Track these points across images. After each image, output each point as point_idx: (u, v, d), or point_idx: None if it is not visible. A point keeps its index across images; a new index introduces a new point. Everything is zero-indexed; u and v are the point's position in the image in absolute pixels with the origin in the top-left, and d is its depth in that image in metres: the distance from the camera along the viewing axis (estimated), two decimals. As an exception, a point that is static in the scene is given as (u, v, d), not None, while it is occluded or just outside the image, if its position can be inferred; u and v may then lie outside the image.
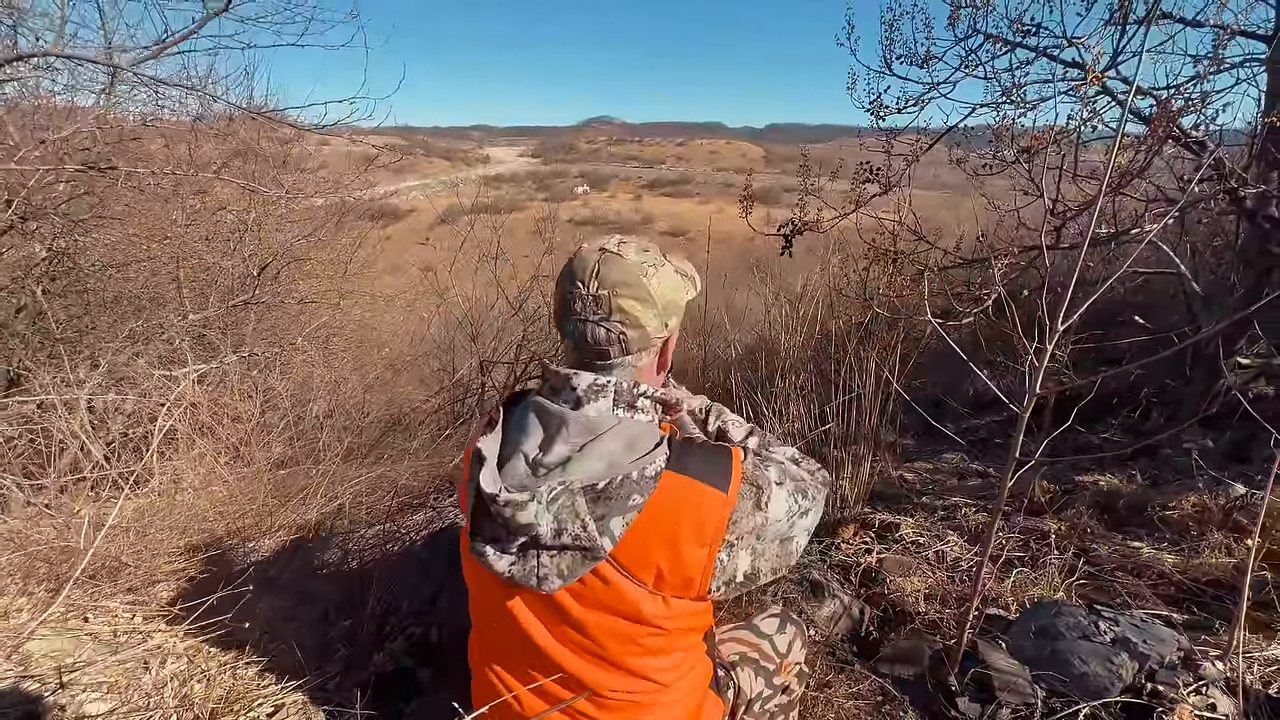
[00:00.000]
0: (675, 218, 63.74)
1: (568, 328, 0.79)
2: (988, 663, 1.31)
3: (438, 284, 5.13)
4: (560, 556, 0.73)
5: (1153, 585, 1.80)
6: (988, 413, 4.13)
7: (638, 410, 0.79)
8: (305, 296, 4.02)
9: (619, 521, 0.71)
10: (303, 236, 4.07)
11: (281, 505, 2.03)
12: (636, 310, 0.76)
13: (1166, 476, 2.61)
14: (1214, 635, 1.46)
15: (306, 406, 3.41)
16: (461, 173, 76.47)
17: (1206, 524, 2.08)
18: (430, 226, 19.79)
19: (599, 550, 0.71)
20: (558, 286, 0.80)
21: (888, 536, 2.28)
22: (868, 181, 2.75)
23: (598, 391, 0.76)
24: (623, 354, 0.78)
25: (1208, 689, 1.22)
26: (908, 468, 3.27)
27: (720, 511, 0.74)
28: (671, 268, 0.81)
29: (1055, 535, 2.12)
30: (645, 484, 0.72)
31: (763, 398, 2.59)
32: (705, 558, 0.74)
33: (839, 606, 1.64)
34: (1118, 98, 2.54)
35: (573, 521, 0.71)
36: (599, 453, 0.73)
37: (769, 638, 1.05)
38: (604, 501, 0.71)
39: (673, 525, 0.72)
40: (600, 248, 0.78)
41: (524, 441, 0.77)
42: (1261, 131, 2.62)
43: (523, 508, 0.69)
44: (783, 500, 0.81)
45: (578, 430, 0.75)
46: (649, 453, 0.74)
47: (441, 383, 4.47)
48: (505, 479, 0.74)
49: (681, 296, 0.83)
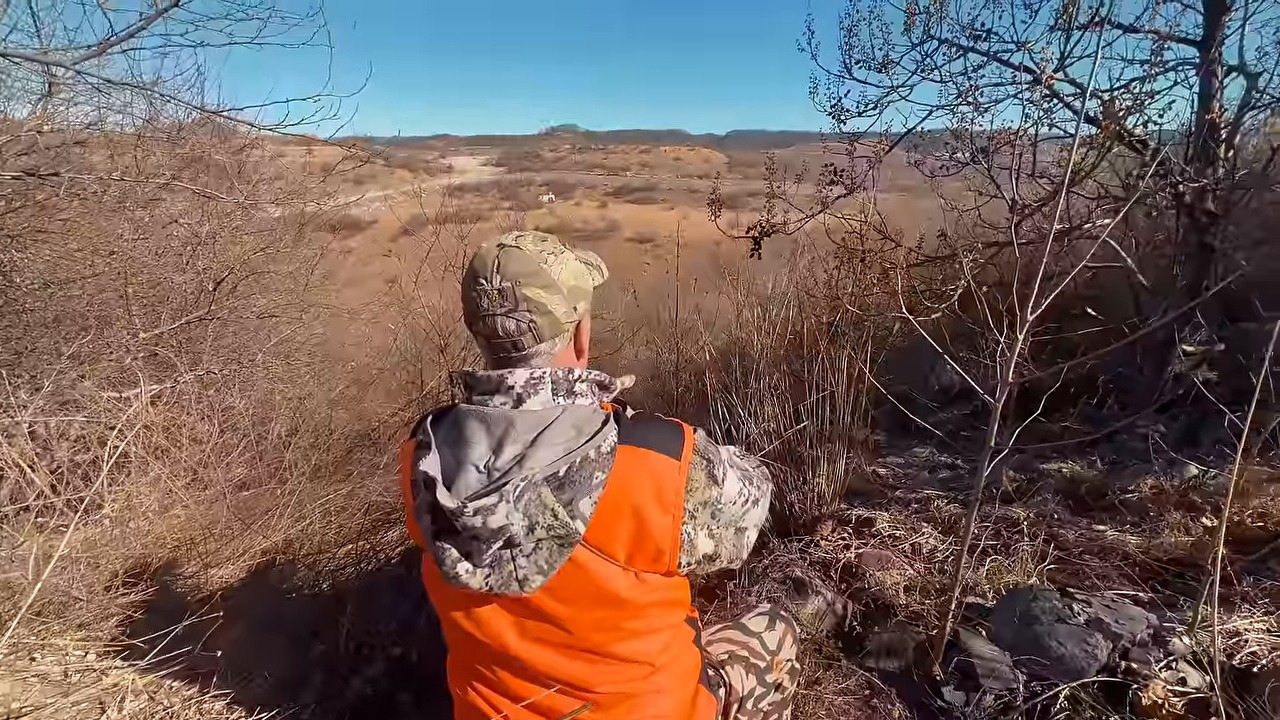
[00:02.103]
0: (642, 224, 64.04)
1: (478, 326, 0.80)
2: (970, 651, 1.33)
3: (403, 295, 5.02)
4: (537, 552, 0.73)
5: (1118, 566, 1.87)
6: (952, 406, 4.24)
7: (577, 395, 0.79)
8: (265, 311, 3.87)
9: (587, 502, 0.72)
10: (260, 249, 3.92)
11: (246, 528, 1.94)
12: (542, 297, 0.77)
13: (1124, 462, 2.72)
14: (1179, 611, 1.52)
15: (269, 425, 3.29)
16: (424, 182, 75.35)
17: (1164, 505, 2.17)
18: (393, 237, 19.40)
19: (574, 534, 0.72)
20: (463, 289, 0.81)
21: (865, 531, 2.31)
22: (832, 183, 2.80)
23: (535, 384, 0.77)
24: (536, 342, 0.79)
25: (1177, 664, 1.26)
26: (880, 463, 3.33)
27: (675, 478, 0.76)
28: (572, 255, 0.83)
29: (1025, 523, 2.18)
30: (604, 460, 0.73)
31: (738, 399, 2.60)
32: (671, 527, 0.76)
33: (822, 603, 1.65)
34: (1065, 100, 2.66)
35: (543, 513, 0.71)
36: (551, 442, 0.74)
37: (758, 635, 1.06)
38: (569, 486, 0.71)
39: (635, 494, 0.74)
40: (498, 244, 0.80)
41: (468, 453, 0.75)
42: (1196, 130, 2.78)
43: (493, 511, 0.69)
44: (735, 480, 0.84)
45: (525, 427, 0.74)
46: (599, 431, 0.75)
47: (410, 395, 4.36)
48: (459, 493, 0.73)
49: (586, 282, 0.84)
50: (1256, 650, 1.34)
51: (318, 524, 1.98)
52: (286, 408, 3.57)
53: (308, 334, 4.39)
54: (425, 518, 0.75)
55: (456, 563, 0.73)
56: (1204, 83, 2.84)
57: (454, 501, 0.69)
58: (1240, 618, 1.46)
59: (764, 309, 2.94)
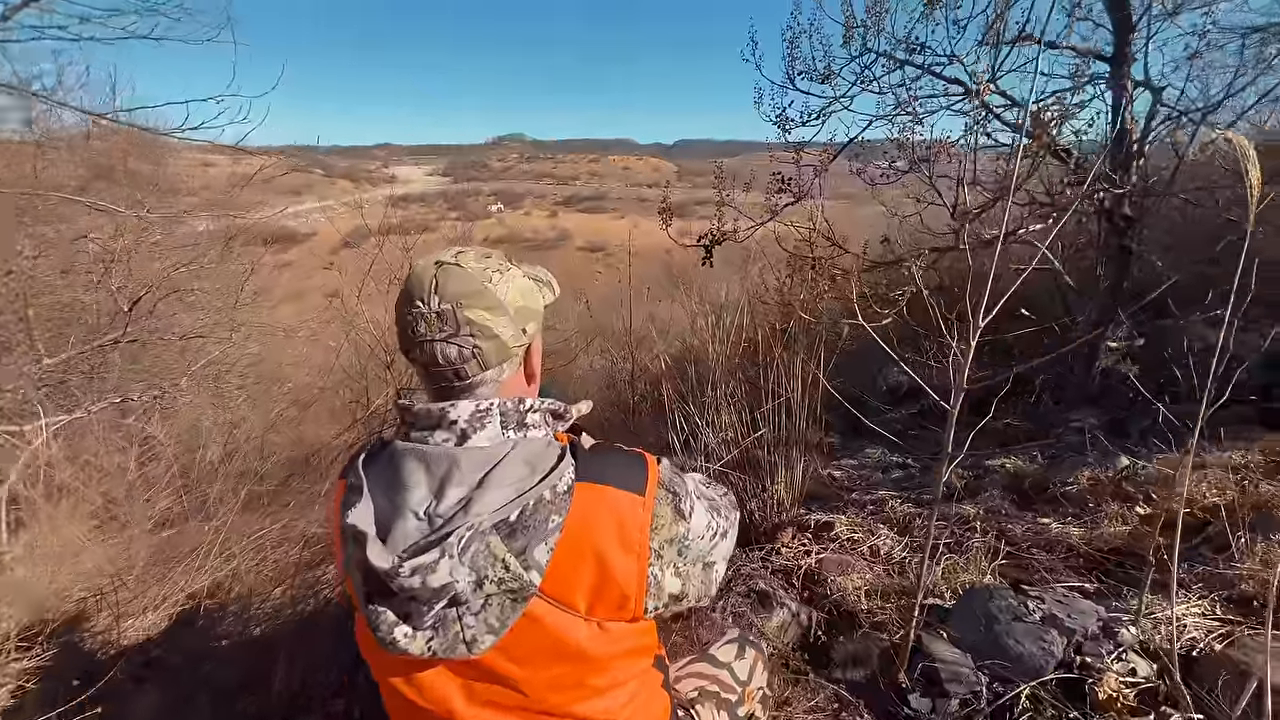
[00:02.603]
0: (593, 233, 64.04)
1: (415, 353, 0.72)
2: (934, 656, 1.33)
3: (345, 310, 4.79)
4: (487, 609, 0.65)
5: (1064, 558, 1.93)
6: (900, 406, 4.37)
7: (529, 427, 0.73)
8: (189, 331, 3.61)
9: (542, 549, 0.65)
10: (182, 265, 3.66)
11: (166, 571, 1.77)
12: (486, 320, 0.70)
13: (1062, 455, 2.84)
14: (1124, 600, 1.58)
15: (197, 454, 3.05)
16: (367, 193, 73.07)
17: (1101, 496, 2.27)
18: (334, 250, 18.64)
19: (529, 587, 0.65)
20: (397, 312, 0.73)
21: (824, 536, 2.32)
22: (780, 191, 2.84)
23: (481, 417, 0.70)
24: (481, 370, 0.72)
25: (1127, 654, 1.30)
26: (835, 465, 3.38)
27: (639, 515, 0.70)
28: (519, 271, 0.77)
29: (976, 520, 2.23)
30: (560, 501, 0.67)
31: (695, 407, 2.58)
32: (637, 570, 0.70)
33: (787, 615, 1.64)
34: (996, 111, 2.78)
35: (493, 565, 0.64)
36: (501, 482, 0.67)
37: (728, 666, 1.01)
38: (521, 532, 0.65)
39: (596, 537, 0.68)
40: (436, 261, 0.72)
41: (406, 498, 0.67)
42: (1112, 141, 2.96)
43: (433, 569, 0.61)
44: (703, 513, 0.78)
45: (471, 466, 0.67)
46: (554, 467, 0.69)
47: (355, 415, 4.15)
48: (396, 545, 0.64)
49: (536, 300, 0.77)
50: (1195, 635, 1.40)
51: (249, 562, 1.82)
52: (218, 434, 3.33)
53: (240, 354, 4.12)
54: (356, 575, 0.66)
55: (393, 627, 0.64)
56: (1116, 96, 3.04)
57: (387, 561, 0.61)
58: (1178, 604, 1.52)
59: (718, 316, 2.95)
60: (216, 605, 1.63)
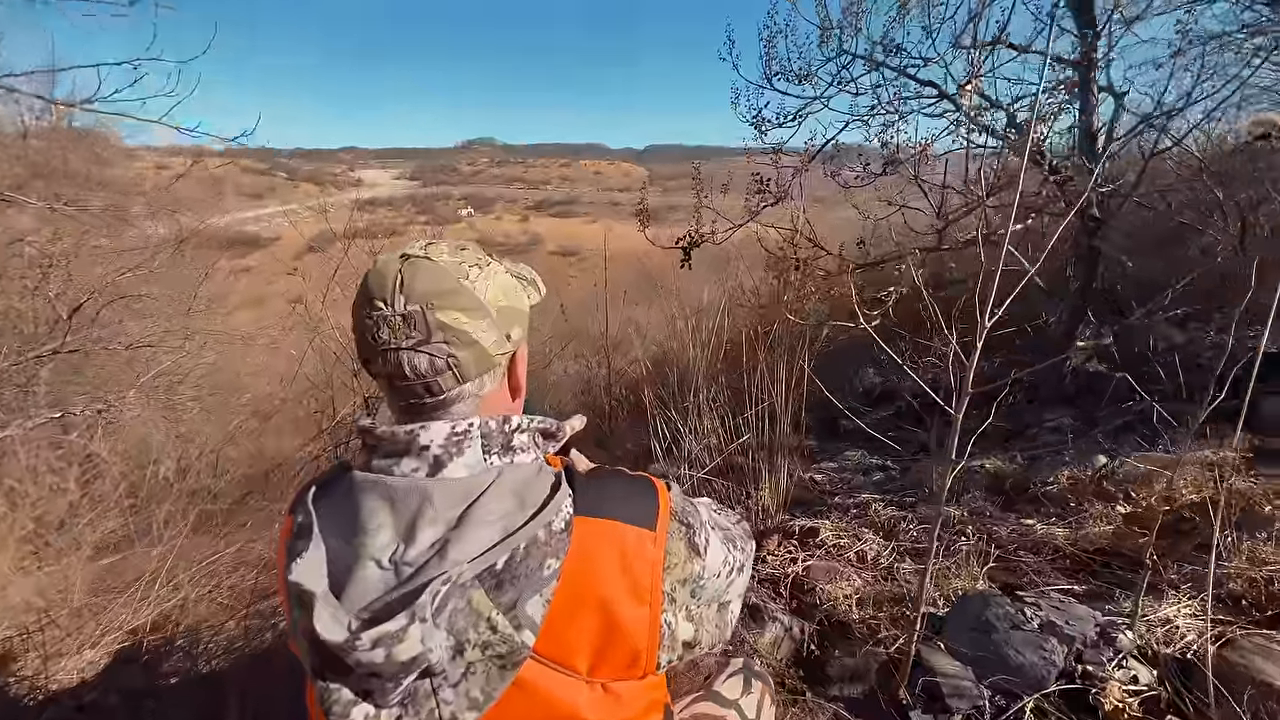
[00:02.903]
0: (565, 238, 63.75)
1: (377, 365, 0.60)
2: (934, 669, 1.28)
3: (309, 317, 4.59)
4: (469, 679, 0.54)
5: (1051, 560, 1.92)
6: (876, 408, 4.39)
7: (516, 451, 0.62)
8: (137, 340, 3.39)
9: (536, 602, 0.54)
10: (127, 270, 3.43)
11: (106, 604, 1.62)
12: (464, 323, 0.59)
13: (1040, 454, 2.86)
14: (1115, 603, 1.56)
15: (146, 472, 2.86)
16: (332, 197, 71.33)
17: (1081, 495, 2.28)
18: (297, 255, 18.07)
19: (520, 650, 0.54)
20: (354, 316, 0.62)
21: (810, 542, 2.27)
22: (760, 192, 2.80)
23: (459, 441, 0.59)
24: (458, 383, 0.61)
25: (1127, 661, 1.27)
26: (816, 469, 3.35)
27: (651, 553, 0.60)
28: (501, 267, 0.66)
29: (962, 523, 2.21)
30: (557, 542, 0.56)
31: (677, 413, 2.52)
32: (649, 621, 0.60)
33: (780, 630, 1.57)
34: (969, 114, 2.80)
35: (475, 625, 0.53)
36: (484, 520, 0.55)
37: (735, 704, 0.91)
38: (511, 583, 0.54)
39: (601, 583, 0.57)
40: (401, 254, 0.61)
41: (366, 542, 0.56)
42: (1079, 143, 3.02)
43: (400, 639, 0.49)
44: (718, 547, 0.69)
45: (447, 501, 0.56)
46: (548, 500, 0.58)
47: (320, 426, 3.97)
48: (354, 603, 0.53)
49: (520, 300, 0.67)
50: (1190, 637, 1.38)
51: (200, 590, 1.68)
52: (170, 450, 3.13)
53: (194, 363, 3.90)
54: (303, 643, 0.54)
55: (350, 707, 0.52)
56: (1083, 101, 3.10)
57: (340, 633, 0.50)
58: (1168, 605, 1.51)
59: (698, 320, 2.89)
60: (161, 640, 1.48)
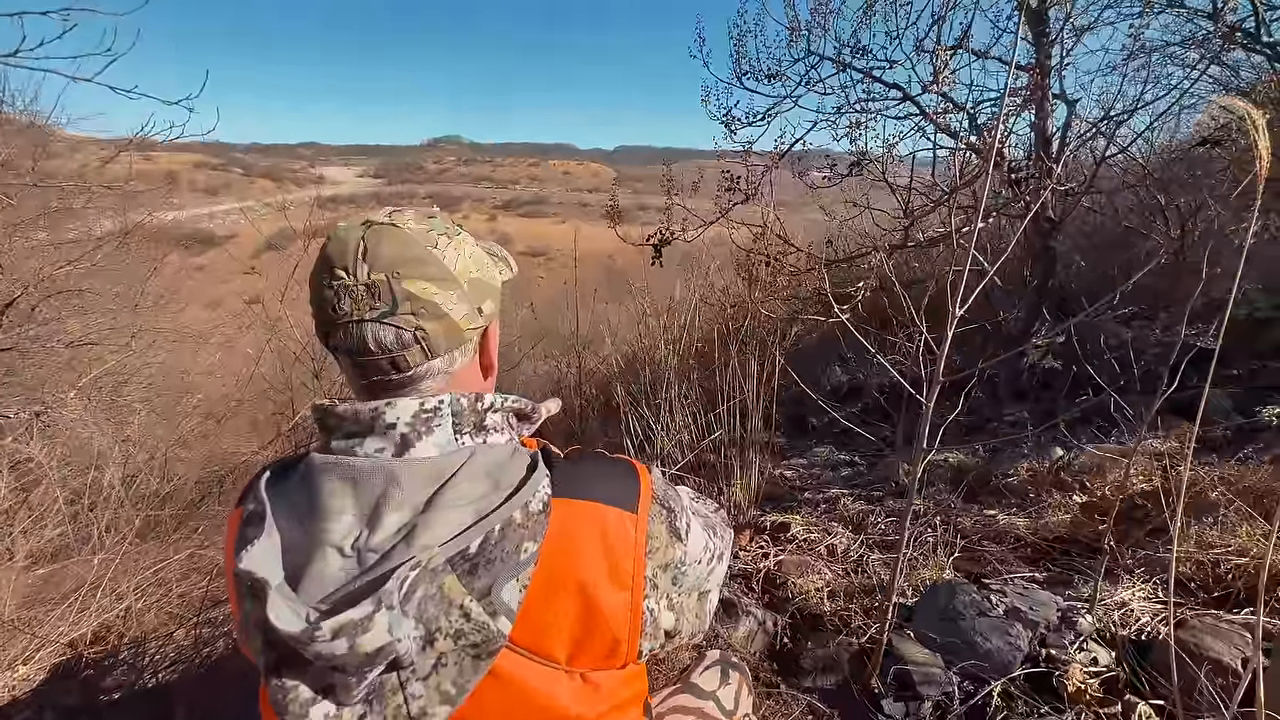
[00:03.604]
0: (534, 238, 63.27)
1: (337, 339, 0.56)
2: (905, 658, 1.30)
3: (267, 316, 4.42)
4: (440, 672, 0.50)
5: (1013, 549, 1.98)
6: (845, 405, 4.47)
7: (489, 431, 0.59)
8: (79, 338, 3.20)
9: (513, 587, 0.51)
10: (67, 264, 3.24)
11: (43, 615, 1.51)
12: (432, 293, 0.55)
13: (1000, 448, 2.95)
14: (1074, 588, 1.61)
15: (88, 477, 2.70)
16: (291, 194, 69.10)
17: (1040, 486, 2.36)
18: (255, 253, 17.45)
19: (496, 638, 0.51)
20: (311, 286, 0.57)
21: (781, 537, 2.29)
22: (730, 190, 2.82)
23: (429, 419, 0.55)
24: (426, 358, 0.57)
25: (1087, 644, 1.31)
26: (785, 465, 3.39)
27: (633, 536, 0.57)
28: (470, 239, 0.63)
29: (928, 514, 2.26)
30: (534, 523, 0.53)
31: (649, 410, 2.51)
32: (629, 606, 0.57)
33: (754, 623, 1.57)
34: (932, 116, 2.87)
35: (447, 613, 0.49)
36: (455, 502, 0.52)
37: (713, 696, 0.90)
38: (485, 568, 0.50)
39: (580, 567, 0.54)
40: (365, 221, 0.57)
41: (325, 528, 0.52)
42: (1034, 147, 3.13)
43: (366, 627, 0.45)
44: (699, 532, 0.67)
45: (415, 482, 0.52)
46: (525, 481, 0.55)
47: (279, 428, 3.82)
48: (312, 595, 0.49)
49: (492, 274, 0.64)
50: (1144, 619, 1.44)
51: (148, 599, 1.59)
52: (116, 454, 2.96)
53: (140, 363, 3.70)
54: (255, 638, 0.49)
55: (308, 706, 0.48)
56: (1038, 106, 3.22)
57: (296, 622, 0.45)
58: (1124, 589, 1.57)
59: (670, 317, 2.89)
60: (103, 652, 1.39)
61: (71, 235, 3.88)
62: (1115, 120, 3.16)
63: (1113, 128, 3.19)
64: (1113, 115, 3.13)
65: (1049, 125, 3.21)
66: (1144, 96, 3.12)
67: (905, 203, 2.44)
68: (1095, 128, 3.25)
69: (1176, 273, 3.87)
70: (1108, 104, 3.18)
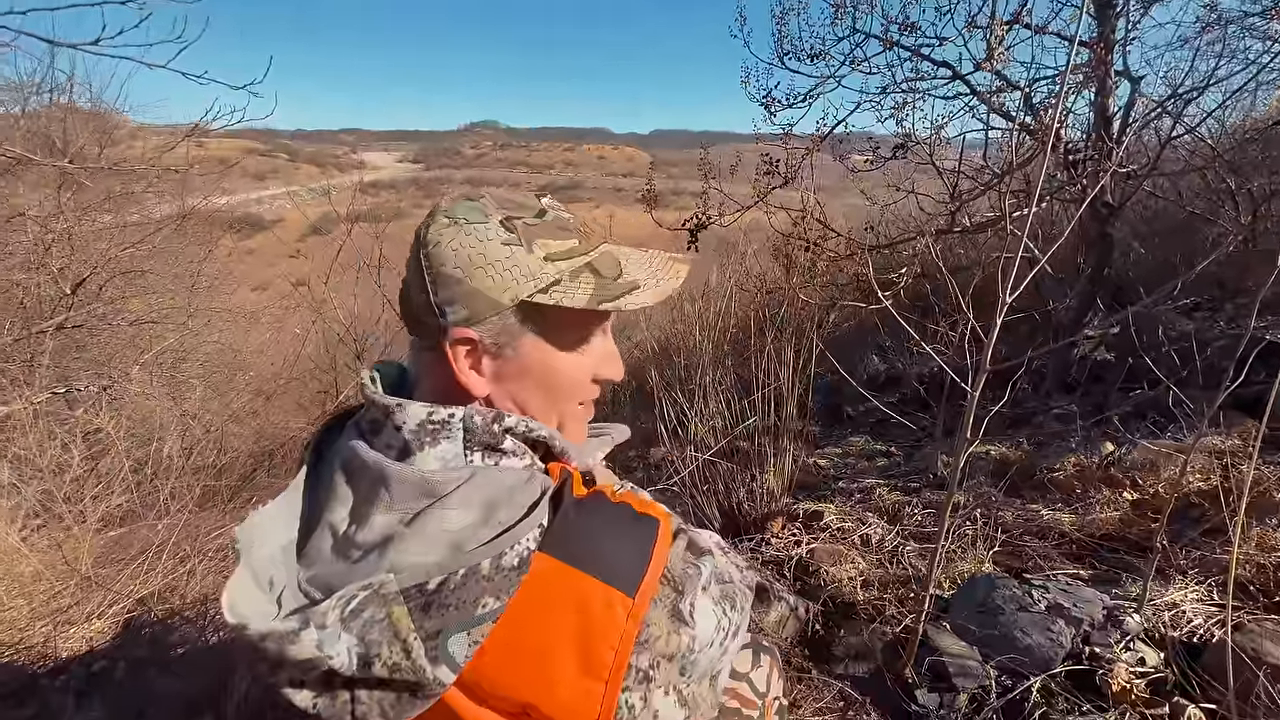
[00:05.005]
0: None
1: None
2: (940, 649, 1.28)
3: (312, 298, 4.58)
4: (381, 690, 0.48)
5: (1057, 545, 1.92)
6: (884, 395, 4.38)
7: (505, 454, 0.55)
8: (141, 316, 3.37)
9: (461, 640, 0.47)
10: (129, 245, 3.41)
11: (114, 574, 1.62)
12: (414, 271, 0.58)
13: (1046, 441, 2.85)
14: (1122, 587, 1.55)
15: (150, 448, 2.86)
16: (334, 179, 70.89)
17: (1088, 482, 2.27)
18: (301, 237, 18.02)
19: (430, 686, 0.47)
20: None
21: (814, 526, 2.28)
22: (769, 173, 2.76)
23: (435, 432, 0.53)
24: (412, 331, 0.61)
25: (1134, 643, 1.27)
26: (820, 454, 3.35)
27: (620, 624, 0.49)
28: (501, 237, 0.57)
29: (967, 508, 2.21)
30: (503, 579, 0.47)
31: (683, 396, 2.51)
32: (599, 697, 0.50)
33: (785, 609, 1.57)
34: (984, 96, 2.75)
35: (390, 644, 0.46)
36: (438, 527, 0.49)
37: (745, 677, 0.88)
38: (438, 611, 0.46)
39: (543, 642, 0.49)
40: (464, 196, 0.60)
41: (331, 506, 0.52)
42: (1094, 127, 2.97)
43: (292, 640, 0.44)
44: (710, 612, 0.60)
45: (405, 493, 0.50)
46: (518, 523, 0.50)
47: (324, 406, 3.97)
48: (309, 561, 0.50)
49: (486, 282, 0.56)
50: (1197, 621, 1.38)
51: (208, 562, 1.69)
52: (176, 427, 3.13)
53: (197, 341, 3.89)
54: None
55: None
56: (1099, 84, 3.05)
57: (232, 616, 0.45)
58: (1176, 589, 1.51)
59: (705, 303, 2.87)
60: (169, 611, 1.49)
61: (133, 219, 4.08)
62: (1184, 98, 2.97)
63: (1180, 106, 3.00)
64: (1181, 93, 2.95)
65: (1110, 105, 3.04)
66: (1217, 72, 2.93)
67: (952, 186, 2.35)
68: (1161, 106, 3.06)
69: (1245, 261, 3.65)
70: (1176, 81, 3.00)
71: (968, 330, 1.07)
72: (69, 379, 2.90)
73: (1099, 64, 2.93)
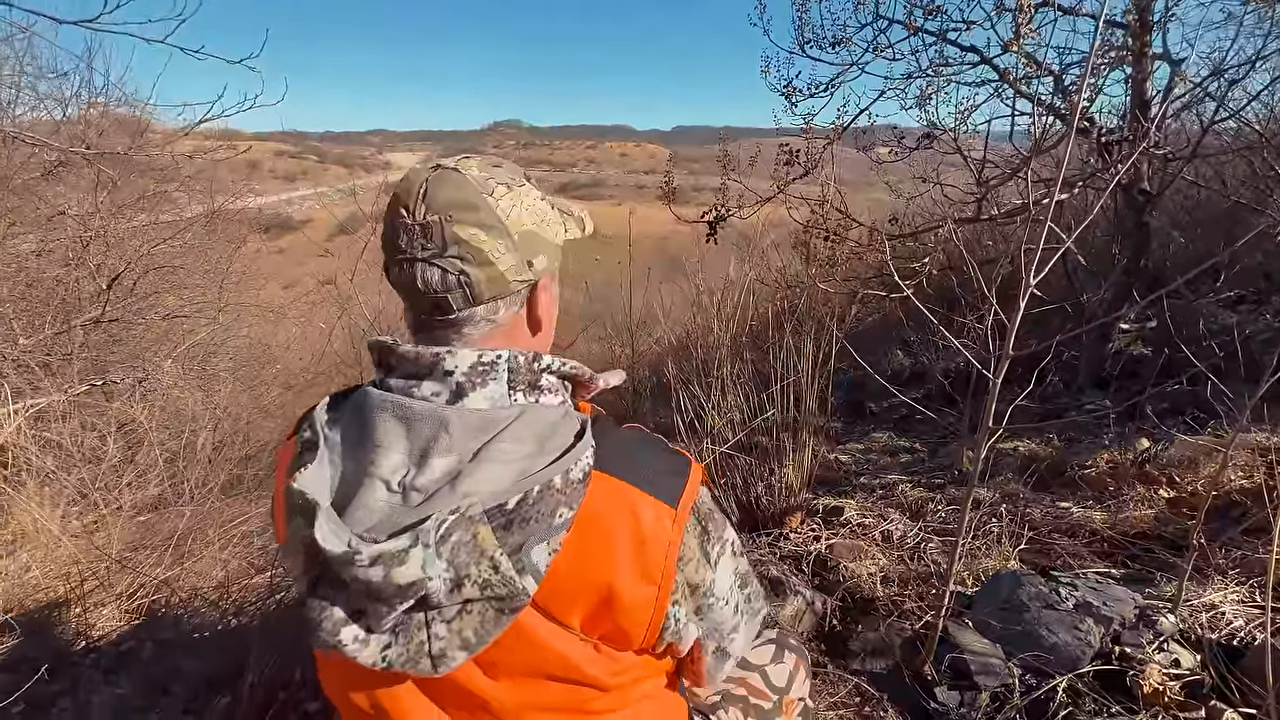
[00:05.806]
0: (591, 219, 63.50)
1: (394, 274, 0.58)
2: (961, 646, 1.25)
3: (339, 294, 4.67)
4: (464, 618, 0.51)
5: (1087, 543, 1.85)
6: (908, 390, 4.29)
7: (543, 391, 0.59)
8: (173, 311, 3.48)
9: (542, 550, 0.51)
10: (162, 241, 3.51)
11: (143, 559, 1.67)
12: (480, 241, 0.56)
13: (1077, 437, 2.76)
14: (1156, 586, 1.49)
15: (183, 438, 2.95)
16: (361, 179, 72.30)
17: (1122, 479, 2.19)
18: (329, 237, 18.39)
19: (520, 595, 0.51)
20: (384, 223, 0.60)
21: (834, 521, 2.24)
22: (789, 163, 2.72)
23: (485, 372, 0.56)
24: (468, 304, 0.57)
25: (1168, 644, 1.21)
26: (841, 449, 3.30)
27: (668, 532, 0.55)
28: (536, 193, 0.62)
29: (993, 503, 2.15)
30: (573, 491, 0.52)
31: (701, 389, 2.48)
32: (654, 603, 0.56)
33: (802, 603, 1.55)
34: (1012, 81, 2.66)
35: (478, 563, 0.49)
36: (501, 458, 0.53)
37: (760, 669, 0.85)
38: (519, 525, 0.50)
39: (608, 549, 0.54)
40: (434, 165, 0.59)
41: (377, 460, 0.53)
42: (1130, 112, 2.85)
43: (402, 560, 0.47)
44: (728, 570, 0.64)
45: (465, 432, 0.53)
46: (571, 448, 0.54)
47: (348, 400, 4.04)
48: (358, 523, 0.51)
49: (551, 231, 0.62)
50: (1237, 623, 1.32)
51: (232, 548, 1.73)
52: (207, 419, 3.22)
53: (226, 335, 3.99)
54: (298, 557, 0.51)
55: (340, 626, 0.49)
56: (1136, 66, 2.92)
57: (339, 543, 0.46)
58: (1214, 590, 1.44)
59: (723, 295, 2.84)
60: (192, 594, 1.53)
61: (165, 218, 4.21)
62: (1228, 79, 2.83)
63: (1224, 88, 2.86)
64: (1225, 74, 2.81)
65: (1148, 88, 2.91)
66: (1264, 51, 2.78)
67: (978, 173, 2.28)
68: (1203, 88, 2.92)
69: (1294, 254, 3.47)
70: (1219, 61, 2.85)
71: (991, 317, 1.03)
72: (105, 372, 3.01)
73: (1137, 44, 2.81)
